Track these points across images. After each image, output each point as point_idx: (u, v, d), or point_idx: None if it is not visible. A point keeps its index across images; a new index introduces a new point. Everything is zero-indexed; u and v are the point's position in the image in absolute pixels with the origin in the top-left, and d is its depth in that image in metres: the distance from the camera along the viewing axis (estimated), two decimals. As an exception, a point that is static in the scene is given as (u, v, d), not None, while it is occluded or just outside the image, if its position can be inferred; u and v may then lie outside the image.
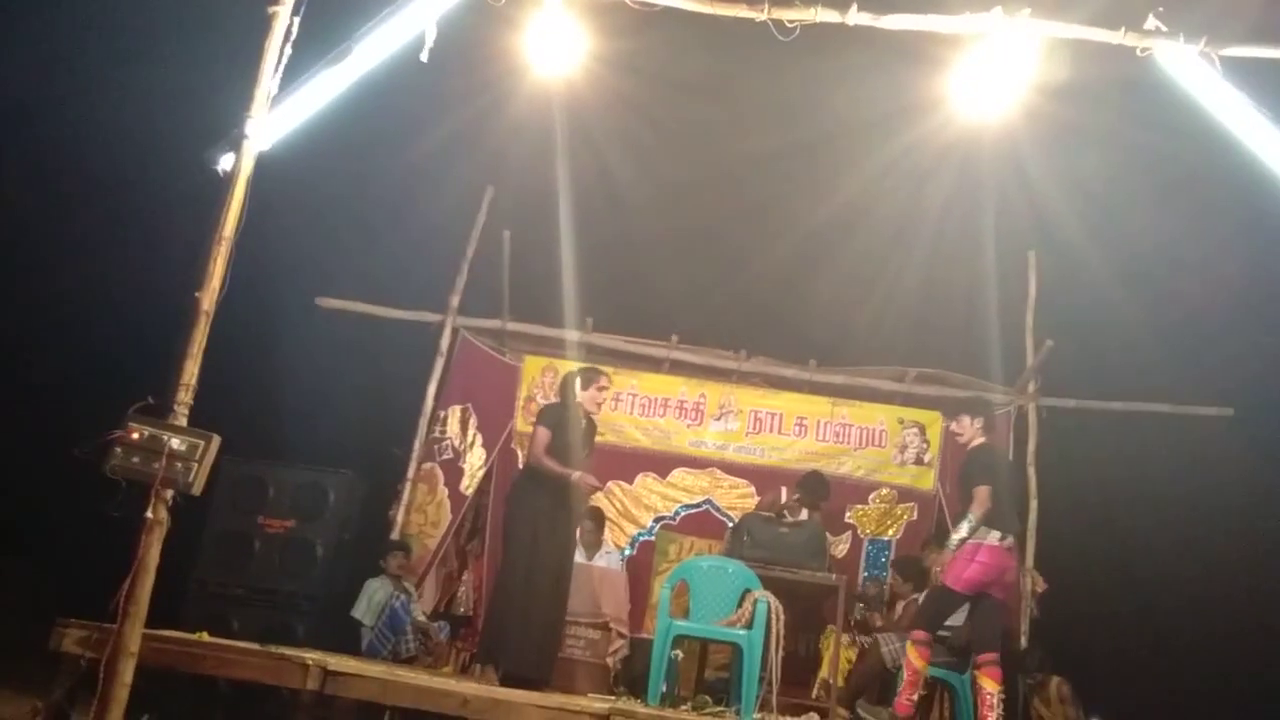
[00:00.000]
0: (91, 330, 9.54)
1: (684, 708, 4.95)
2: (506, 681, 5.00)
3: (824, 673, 6.33)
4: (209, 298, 3.70)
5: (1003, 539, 5.07)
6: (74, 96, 8.70)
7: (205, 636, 4.73)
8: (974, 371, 7.92)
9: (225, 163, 3.93)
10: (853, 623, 6.72)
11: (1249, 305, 8.37)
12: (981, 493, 5.05)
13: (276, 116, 4.04)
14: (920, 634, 5.16)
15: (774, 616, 5.04)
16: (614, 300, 8.26)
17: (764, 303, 9.28)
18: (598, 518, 7.02)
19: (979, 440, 5.41)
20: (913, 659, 5.13)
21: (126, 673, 3.35)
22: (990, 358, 7.84)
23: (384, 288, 8.01)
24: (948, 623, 5.40)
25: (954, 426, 5.60)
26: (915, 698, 5.15)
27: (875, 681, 5.89)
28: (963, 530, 5.05)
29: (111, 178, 9.06)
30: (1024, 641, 6.99)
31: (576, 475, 5.35)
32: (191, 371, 3.64)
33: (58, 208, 9.34)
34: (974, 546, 5.04)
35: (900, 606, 6.54)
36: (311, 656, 4.17)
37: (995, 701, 4.95)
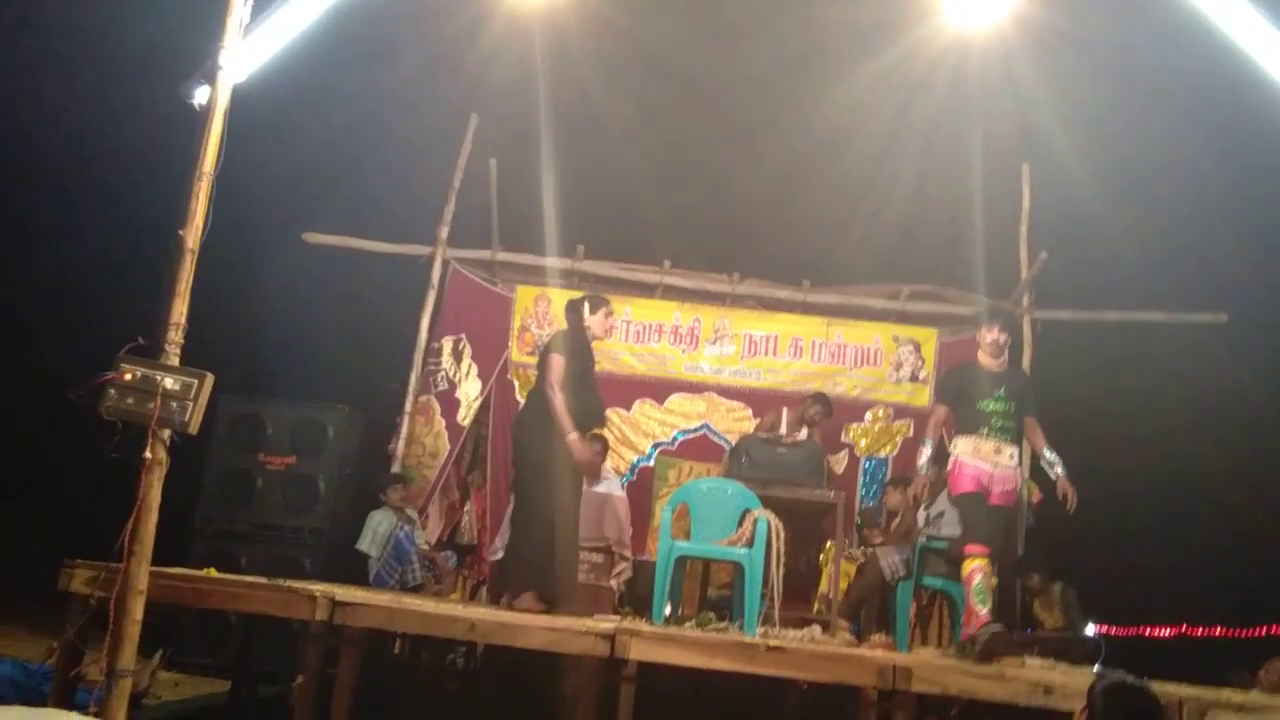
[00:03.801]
0: (81, 272, 9.47)
1: (688, 625, 5.04)
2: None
3: (824, 587, 6.46)
4: (193, 235, 3.64)
5: None
6: (45, 34, 8.49)
7: (212, 573, 4.79)
8: (968, 286, 7.89)
9: (200, 96, 3.83)
10: (855, 537, 6.84)
11: (1243, 211, 8.34)
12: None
13: (250, 46, 3.94)
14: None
15: (774, 534, 5.12)
16: (604, 227, 8.18)
17: (755, 224, 9.21)
18: (604, 441, 7.07)
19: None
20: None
21: (137, 609, 3.39)
22: (984, 272, 7.80)
23: (371, 221, 7.91)
24: (944, 533, 5.46)
25: (1003, 338, 5.23)
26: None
27: (875, 594, 5.99)
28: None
29: (90, 116, 8.89)
30: (1020, 549, 7.10)
31: (573, 436, 5.12)
32: (180, 310, 3.60)
33: (36, 150, 9.18)
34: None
35: (896, 520, 6.64)
36: (319, 588, 4.23)
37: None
